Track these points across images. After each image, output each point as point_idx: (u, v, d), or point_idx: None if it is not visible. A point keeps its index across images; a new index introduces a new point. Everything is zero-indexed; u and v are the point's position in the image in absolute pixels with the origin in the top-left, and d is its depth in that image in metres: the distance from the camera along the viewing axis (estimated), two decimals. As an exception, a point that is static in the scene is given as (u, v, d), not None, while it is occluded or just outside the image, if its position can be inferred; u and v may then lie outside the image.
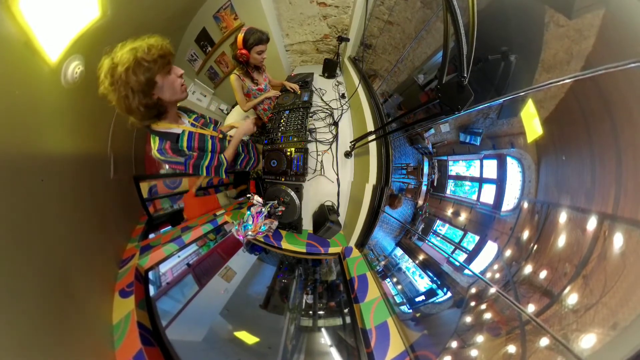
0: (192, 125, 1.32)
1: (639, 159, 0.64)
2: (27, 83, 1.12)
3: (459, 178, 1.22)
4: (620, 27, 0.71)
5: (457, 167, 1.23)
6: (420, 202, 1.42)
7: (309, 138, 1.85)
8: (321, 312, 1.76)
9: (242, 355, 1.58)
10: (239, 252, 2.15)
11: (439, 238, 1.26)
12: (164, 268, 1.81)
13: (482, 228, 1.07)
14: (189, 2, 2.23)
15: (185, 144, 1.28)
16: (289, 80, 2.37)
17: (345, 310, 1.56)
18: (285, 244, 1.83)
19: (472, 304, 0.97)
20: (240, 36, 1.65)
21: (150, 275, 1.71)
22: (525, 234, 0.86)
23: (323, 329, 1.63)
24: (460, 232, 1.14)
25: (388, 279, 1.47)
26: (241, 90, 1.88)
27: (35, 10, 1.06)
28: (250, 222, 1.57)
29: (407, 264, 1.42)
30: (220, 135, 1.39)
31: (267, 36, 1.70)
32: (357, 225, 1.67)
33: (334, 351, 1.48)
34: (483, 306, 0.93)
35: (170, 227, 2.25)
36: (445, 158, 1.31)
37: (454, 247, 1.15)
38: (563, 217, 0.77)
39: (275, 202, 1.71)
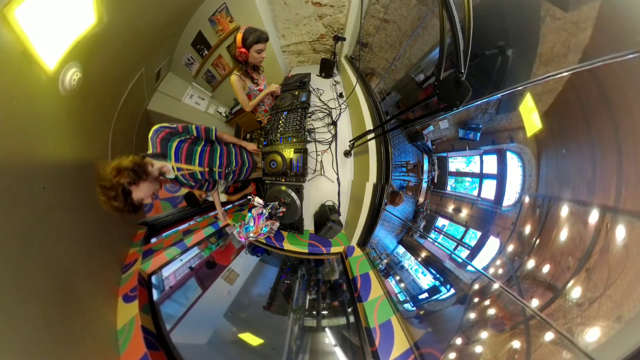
0: (179, 169, 1.33)
1: (639, 149, 0.63)
2: (25, 92, 1.13)
3: (459, 174, 1.21)
4: (616, 18, 0.71)
5: (457, 163, 1.23)
6: (421, 200, 1.42)
7: (308, 138, 1.85)
8: (325, 312, 1.76)
9: (246, 356, 1.58)
10: (241, 254, 2.15)
11: (440, 235, 1.26)
12: (166, 272, 1.81)
13: (483, 224, 1.07)
14: (184, 7, 2.23)
15: (188, 182, 1.41)
16: (287, 81, 2.37)
17: (349, 310, 1.56)
18: (287, 245, 1.83)
19: (476, 300, 0.97)
20: (240, 35, 1.65)
21: (153, 279, 1.71)
22: (527, 229, 0.85)
23: (327, 329, 1.63)
24: (462, 229, 1.14)
25: (391, 277, 1.47)
26: (243, 91, 1.87)
27: (31, 19, 1.06)
28: (252, 224, 1.57)
29: (409, 261, 1.42)
30: (207, 169, 1.42)
31: (266, 35, 1.69)
32: (358, 224, 1.67)
33: (338, 350, 1.48)
34: (487, 302, 0.92)
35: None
36: (445, 155, 1.31)
37: (456, 244, 1.15)
38: (565, 210, 0.76)
39: (276, 203, 1.71)
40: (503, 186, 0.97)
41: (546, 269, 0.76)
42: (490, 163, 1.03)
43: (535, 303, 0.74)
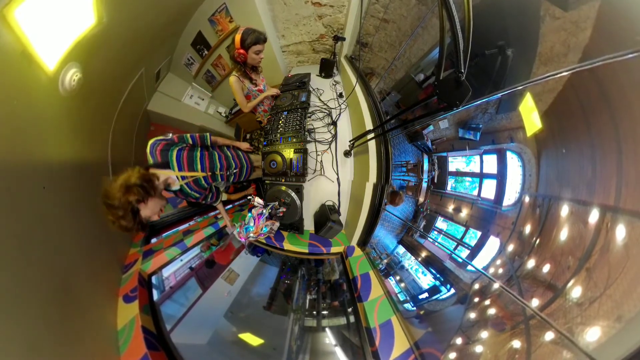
0: (183, 178, 1.33)
1: (639, 148, 0.63)
2: (25, 92, 1.13)
3: (459, 174, 1.21)
4: (616, 18, 0.71)
5: (457, 163, 1.23)
6: (421, 199, 1.42)
7: (308, 138, 1.85)
8: (325, 312, 1.76)
9: (247, 356, 1.59)
10: (241, 255, 2.15)
11: (441, 235, 1.26)
12: (166, 272, 1.81)
13: (483, 223, 1.07)
14: (184, 7, 2.23)
15: (193, 192, 1.41)
16: (286, 81, 2.37)
17: (349, 310, 1.56)
18: (287, 245, 1.83)
19: (476, 299, 0.97)
20: (238, 36, 1.65)
21: (154, 279, 1.71)
22: (527, 228, 0.85)
23: (327, 329, 1.63)
24: (462, 228, 1.14)
25: (391, 277, 1.47)
26: (241, 92, 1.87)
27: (31, 19, 1.06)
28: (252, 224, 1.56)
29: (409, 261, 1.42)
30: (210, 173, 1.44)
31: (264, 36, 1.70)
32: (358, 224, 1.67)
33: (338, 350, 1.48)
34: (487, 302, 0.92)
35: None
36: (445, 154, 1.30)
37: (456, 244, 1.15)
38: (565, 210, 0.76)
39: (276, 203, 1.71)
40: (503, 186, 0.96)
41: (546, 268, 0.76)
42: (490, 163, 1.03)
43: (535, 303, 0.74)
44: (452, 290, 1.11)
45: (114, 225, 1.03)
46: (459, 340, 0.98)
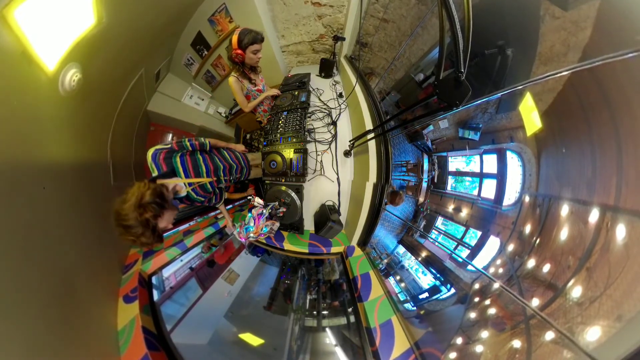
0: (190, 184, 1.33)
1: (639, 148, 0.63)
2: (25, 92, 1.13)
3: (459, 174, 1.21)
4: (616, 17, 0.71)
5: (457, 162, 1.23)
6: (421, 199, 1.42)
7: (308, 138, 1.85)
8: (325, 312, 1.76)
9: (247, 357, 1.59)
10: (241, 255, 2.15)
11: (441, 234, 1.26)
12: (167, 272, 1.81)
13: (483, 223, 1.07)
14: (184, 7, 2.23)
15: (199, 197, 1.41)
16: (286, 82, 2.37)
17: (349, 310, 1.56)
18: (287, 245, 1.83)
19: (476, 299, 0.97)
20: (235, 36, 1.66)
21: (154, 280, 1.71)
22: (528, 228, 0.85)
23: (327, 329, 1.63)
24: (462, 228, 1.14)
25: (391, 277, 1.47)
26: (241, 92, 1.88)
27: (31, 20, 1.06)
28: (252, 224, 1.57)
29: (409, 261, 1.42)
30: (215, 178, 1.45)
31: (261, 35, 1.70)
32: (358, 224, 1.67)
33: (339, 350, 1.48)
34: (487, 301, 0.92)
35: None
36: (445, 154, 1.30)
37: (456, 243, 1.15)
38: (565, 209, 0.76)
39: (276, 203, 1.71)
40: (503, 185, 0.96)
41: (546, 268, 0.76)
42: (490, 162, 1.03)
43: (535, 302, 0.74)
44: (452, 290, 1.11)
45: (134, 243, 1.02)
46: (459, 340, 0.98)
